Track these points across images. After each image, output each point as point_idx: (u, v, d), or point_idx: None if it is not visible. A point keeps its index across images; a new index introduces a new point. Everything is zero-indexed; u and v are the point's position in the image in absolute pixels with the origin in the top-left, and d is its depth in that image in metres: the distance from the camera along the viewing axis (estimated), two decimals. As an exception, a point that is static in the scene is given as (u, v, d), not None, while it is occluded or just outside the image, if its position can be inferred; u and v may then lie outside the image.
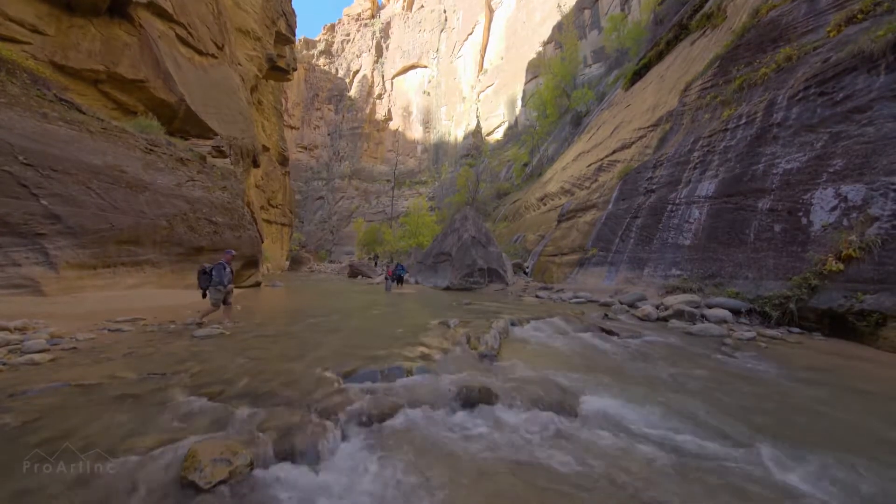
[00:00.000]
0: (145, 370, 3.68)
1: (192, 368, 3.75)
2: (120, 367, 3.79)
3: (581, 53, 39.24)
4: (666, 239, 10.34)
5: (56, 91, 9.56)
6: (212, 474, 1.97)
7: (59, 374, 3.53)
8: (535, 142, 37.17)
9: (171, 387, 3.21)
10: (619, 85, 25.23)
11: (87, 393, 3.08)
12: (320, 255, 58.48)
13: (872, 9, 8.07)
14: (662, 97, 16.98)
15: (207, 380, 3.41)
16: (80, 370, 3.70)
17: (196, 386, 3.25)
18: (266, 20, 24.24)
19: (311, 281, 23.27)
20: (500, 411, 3.01)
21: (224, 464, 2.03)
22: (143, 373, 3.60)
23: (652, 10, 28.51)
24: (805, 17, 9.82)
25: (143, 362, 4.01)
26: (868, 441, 2.69)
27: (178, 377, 3.49)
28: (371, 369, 3.69)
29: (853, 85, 7.30)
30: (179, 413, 2.71)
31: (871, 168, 6.44)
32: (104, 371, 3.66)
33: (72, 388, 3.17)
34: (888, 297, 5.44)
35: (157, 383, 3.31)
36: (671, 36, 19.37)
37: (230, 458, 2.07)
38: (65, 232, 7.74)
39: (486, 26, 60.09)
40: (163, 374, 3.58)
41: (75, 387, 3.20)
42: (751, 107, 9.66)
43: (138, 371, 3.65)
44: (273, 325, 6.49)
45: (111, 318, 6.37)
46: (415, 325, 6.46)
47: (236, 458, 2.08)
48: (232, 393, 3.09)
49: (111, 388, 3.19)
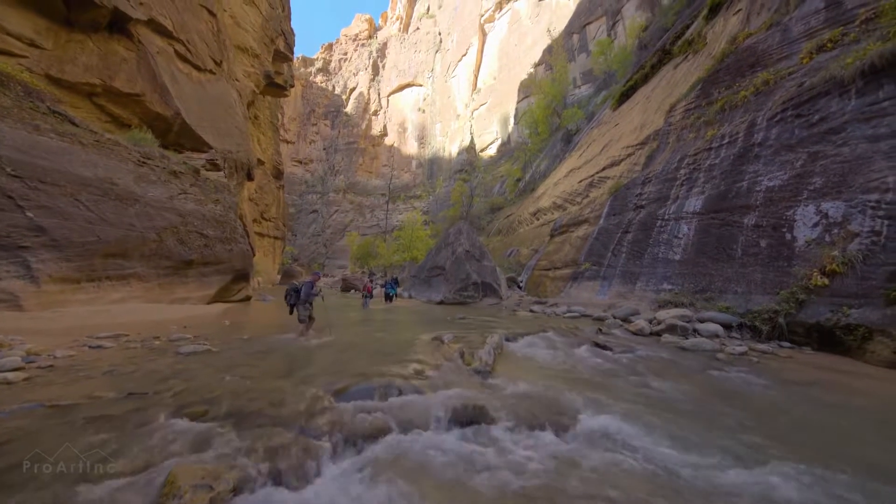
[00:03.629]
0: (126, 389, 3.53)
1: (176, 387, 3.61)
2: (99, 386, 3.63)
3: (570, 75, 40.85)
4: (656, 254, 10.51)
5: (49, 103, 9.54)
6: (192, 501, 1.87)
7: (34, 394, 3.37)
8: (528, 158, 38.04)
9: (152, 407, 3.08)
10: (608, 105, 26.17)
11: (63, 414, 2.93)
12: (313, 268, 57.87)
13: (840, 38, 8.61)
14: (649, 117, 17.64)
15: (191, 399, 3.28)
16: (57, 389, 3.54)
17: (179, 406, 3.12)
18: (265, 39, 24.82)
19: (303, 295, 22.85)
20: (495, 430, 2.95)
21: (205, 490, 1.93)
22: (123, 392, 3.45)
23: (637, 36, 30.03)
24: (779, 45, 10.42)
25: (124, 381, 3.85)
26: (863, 457, 2.69)
27: (160, 396, 3.35)
28: (362, 387, 3.59)
29: (827, 108, 7.69)
30: (160, 435, 2.59)
31: (848, 186, 6.71)
32: (82, 390, 3.50)
33: (46, 409, 3.02)
34: (872, 311, 5.56)
35: (137, 403, 3.17)
36: (655, 60, 20.33)
37: (212, 483, 1.97)
38: (49, 245, 7.55)
39: (479, 48, 62.34)
40: (144, 393, 3.44)
41: (50, 407, 3.05)
42: (733, 127, 10.08)
43: (118, 390, 3.50)
44: (262, 341, 6.33)
45: (93, 334, 6.15)
46: (408, 340, 6.37)
47: (219, 483, 1.98)
48: (216, 413, 2.97)
49: (88, 408, 3.05)
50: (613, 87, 29.49)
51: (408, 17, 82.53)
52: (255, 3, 23.56)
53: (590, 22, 40.36)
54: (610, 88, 31.59)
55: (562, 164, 27.69)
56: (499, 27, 59.17)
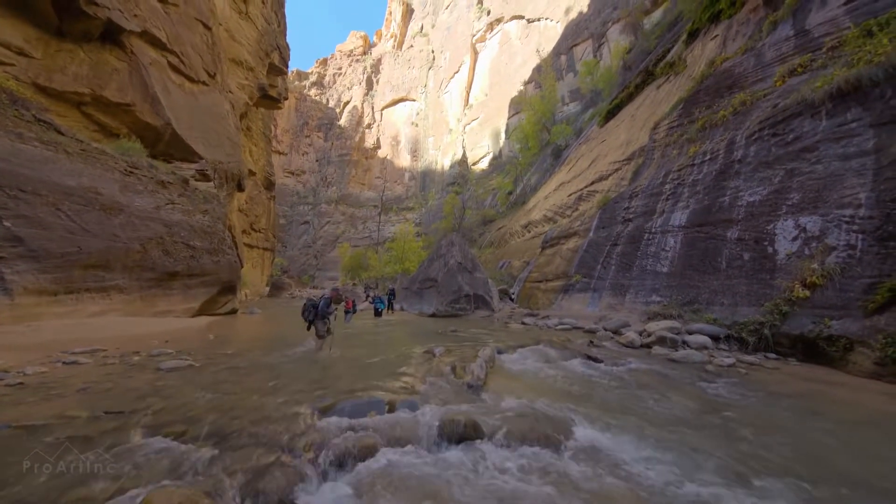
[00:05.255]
0: (100, 408, 3.36)
1: (155, 405, 3.45)
2: (72, 405, 3.44)
3: (559, 93, 42.26)
4: (645, 266, 10.69)
5: (35, 112, 9.38)
6: (166, 529, 1.76)
7: (1, 414, 3.17)
8: (519, 172, 38.75)
9: (128, 427, 2.93)
10: (595, 122, 27.06)
11: (31, 435, 2.76)
12: (303, 280, 56.97)
13: (809, 64, 9.16)
14: (634, 134, 18.27)
15: (170, 418, 3.13)
16: (25, 409, 3.34)
17: (157, 425, 2.97)
18: (260, 52, 25.11)
19: (292, 308, 22.44)
20: (487, 447, 2.88)
21: (182, 516, 1.83)
22: (98, 411, 3.28)
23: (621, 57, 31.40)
24: (754, 69, 11.02)
25: (100, 399, 3.67)
26: (848, 471, 2.71)
27: (137, 415, 3.19)
28: (350, 403, 3.50)
29: (801, 128, 8.10)
30: (136, 457, 2.45)
31: (823, 202, 7.01)
32: (53, 410, 3.31)
33: (13, 430, 2.84)
34: (852, 322, 5.72)
35: (112, 422, 3.02)
36: (639, 80, 21.22)
37: (189, 508, 1.87)
38: (26, 255, 7.28)
39: (471, 66, 64.19)
40: (120, 412, 3.28)
41: (17, 428, 2.87)
42: (714, 144, 10.50)
43: (92, 409, 3.33)
44: (247, 356, 6.14)
45: (68, 349, 5.88)
46: (399, 353, 6.26)
47: (196, 509, 1.88)
48: (197, 432, 2.84)
49: (59, 428, 2.88)
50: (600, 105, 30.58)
51: (402, 35, 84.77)
52: (250, 18, 23.93)
53: (577, 44, 42.12)
54: (597, 106, 32.73)
55: (552, 177, 28.29)
56: (490, 47, 61.18)
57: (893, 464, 2.81)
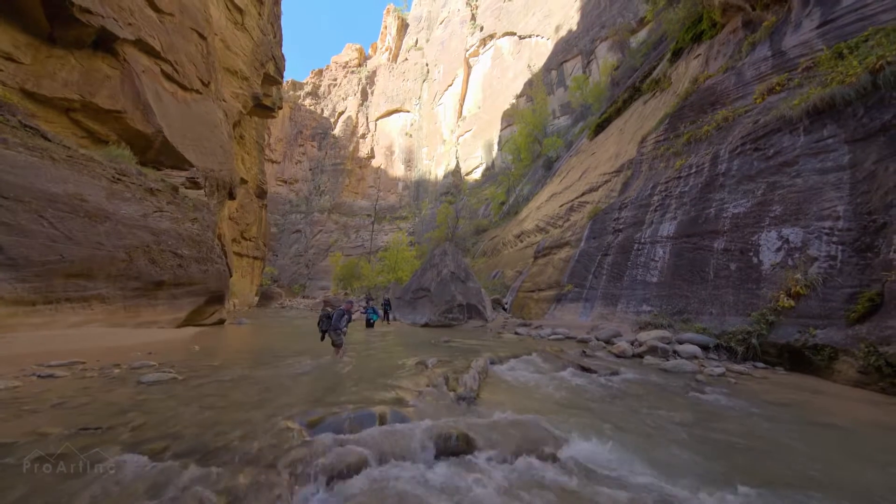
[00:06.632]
0: (77, 424, 3.21)
1: (135, 420, 3.31)
2: (46, 422, 3.28)
3: (550, 106, 43.34)
4: (635, 276, 10.83)
5: (21, 117, 9.20)
6: (142, 554, 1.66)
7: (-34, 432, 3.00)
8: (511, 182, 39.28)
9: (105, 444, 2.80)
10: (585, 135, 27.73)
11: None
12: (294, 289, 56.07)
13: (786, 83, 9.61)
14: (623, 147, 18.76)
15: (151, 434, 3.01)
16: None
17: (136, 442, 2.85)
18: (255, 62, 25.26)
19: (281, 318, 22.03)
20: (480, 461, 2.83)
21: (159, 539, 1.73)
22: (73, 427, 3.13)
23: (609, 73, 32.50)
24: (735, 87, 11.50)
25: (76, 414, 3.51)
26: (839, 480, 2.73)
27: (115, 432, 3.06)
28: (340, 417, 3.41)
29: (780, 143, 8.43)
30: (112, 476, 2.34)
31: (804, 214, 7.25)
32: (25, 426, 3.15)
33: (-21, 450, 2.68)
34: (836, 331, 5.86)
35: (88, 440, 2.88)
36: (627, 95, 21.93)
37: (167, 531, 1.78)
38: (5, 264, 7.03)
39: (464, 79, 65.58)
40: (97, 428, 3.13)
41: (-16, 447, 2.72)
42: (699, 158, 10.84)
43: (68, 425, 3.18)
44: (234, 369, 5.97)
45: (43, 362, 5.63)
46: (391, 365, 6.16)
47: (175, 532, 1.79)
48: (179, 449, 2.73)
49: (30, 447, 2.73)
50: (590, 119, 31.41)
51: (397, 49, 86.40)
52: (246, 29, 24.14)
53: (566, 60, 43.48)
54: (586, 120, 33.61)
55: (543, 188, 28.73)
56: (483, 61, 62.73)
57: (888, 472, 2.84)
